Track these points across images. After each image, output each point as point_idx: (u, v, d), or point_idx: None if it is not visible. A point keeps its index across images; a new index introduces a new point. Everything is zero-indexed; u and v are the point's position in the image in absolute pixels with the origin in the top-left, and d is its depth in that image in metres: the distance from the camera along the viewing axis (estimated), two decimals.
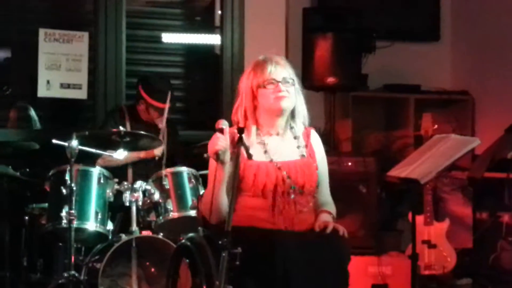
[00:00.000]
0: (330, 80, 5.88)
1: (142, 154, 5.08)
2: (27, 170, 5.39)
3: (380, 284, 5.57)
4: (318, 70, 5.91)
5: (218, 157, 3.33)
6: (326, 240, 3.37)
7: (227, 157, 3.36)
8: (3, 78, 5.38)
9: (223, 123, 3.38)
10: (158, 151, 5.07)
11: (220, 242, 3.01)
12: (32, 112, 6.01)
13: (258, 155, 3.47)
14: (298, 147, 3.57)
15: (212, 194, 3.37)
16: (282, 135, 3.56)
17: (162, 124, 5.19)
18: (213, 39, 6.61)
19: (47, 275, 4.81)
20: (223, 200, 3.39)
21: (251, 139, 3.49)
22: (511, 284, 5.47)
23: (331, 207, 3.62)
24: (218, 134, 3.34)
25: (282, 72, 3.50)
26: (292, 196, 3.45)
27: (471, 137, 4.89)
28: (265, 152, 3.50)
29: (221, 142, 3.32)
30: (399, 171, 4.39)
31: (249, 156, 3.38)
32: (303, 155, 3.55)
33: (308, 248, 3.29)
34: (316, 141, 3.65)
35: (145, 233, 4.74)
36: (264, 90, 3.48)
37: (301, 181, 3.47)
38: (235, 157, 3.28)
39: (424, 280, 5.47)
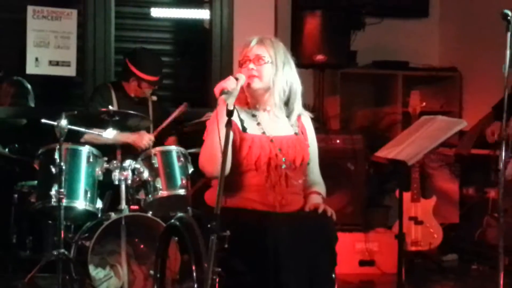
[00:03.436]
0: (319, 57, 5.90)
1: (130, 140, 5.07)
2: (16, 146, 5.39)
3: (367, 260, 5.64)
4: (307, 48, 5.93)
5: (221, 93, 3.34)
6: (315, 221, 3.40)
7: (230, 102, 3.32)
8: None
9: (240, 76, 3.42)
10: (145, 142, 5.07)
11: (209, 226, 3.03)
12: (28, 87, 5.98)
13: (251, 127, 3.50)
14: (292, 125, 3.59)
15: (212, 140, 3.34)
16: (274, 112, 3.58)
17: (155, 97, 5.28)
18: (202, 14, 6.59)
19: (36, 252, 4.82)
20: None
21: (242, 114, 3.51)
22: (496, 260, 5.51)
23: (321, 187, 3.65)
24: (231, 77, 3.39)
25: (258, 49, 3.50)
26: (284, 166, 3.46)
27: (458, 119, 4.92)
28: (258, 124, 3.53)
29: (230, 84, 3.35)
30: (387, 152, 4.43)
31: (243, 129, 3.44)
32: (295, 133, 3.58)
33: (297, 229, 3.31)
34: (306, 121, 3.68)
35: (133, 207, 4.76)
36: (241, 69, 3.52)
37: (292, 155, 3.49)
38: (226, 135, 3.26)
39: (410, 256, 5.53)
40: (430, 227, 5.67)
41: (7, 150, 5.24)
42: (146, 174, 4.73)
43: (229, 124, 3.26)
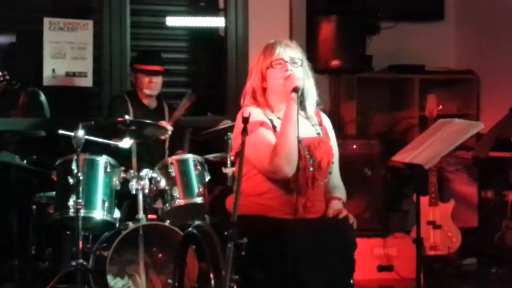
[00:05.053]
0: (335, 62, 5.87)
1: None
2: (34, 157, 5.42)
3: (385, 266, 5.62)
4: (323, 53, 5.90)
5: (294, 91, 3.38)
6: (334, 228, 3.41)
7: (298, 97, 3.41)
8: (8, 67, 5.38)
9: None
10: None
11: (226, 233, 3.03)
12: (43, 98, 6.02)
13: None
14: (313, 125, 3.59)
15: (288, 140, 3.35)
16: None
17: (151, 91, 5.32)
18: (217, 22, 6.61)
19: (55, 263, 4.85)
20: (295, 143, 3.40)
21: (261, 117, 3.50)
22: None
23: (342, 192, 3.64)
24: (295, 76, 3.42)
25: (290, 52, 3.52)
26: (311, 168, 3.45)
27: (475, 122, 4.90)
28: None
29: (300, 82, 3.40)
30: (403, 156, 4.41)
31: (274, 128, 3.44)
32: (318, 133, 3.58)
33: (316, 236, 3.31)
34: (327, 122, 3.69)
35: (151, 216, 4.78)
36: (272, 70, 3.51)
37: (319, 157, 3.48)
38: (242, 143, 3.26)
39: (429, 261, 5.51)
40: (449, 231, 5.65)
41: (25, 161, 5.26)
42: (163, 183, 4.75)
43: (245, 131, 3.26)
